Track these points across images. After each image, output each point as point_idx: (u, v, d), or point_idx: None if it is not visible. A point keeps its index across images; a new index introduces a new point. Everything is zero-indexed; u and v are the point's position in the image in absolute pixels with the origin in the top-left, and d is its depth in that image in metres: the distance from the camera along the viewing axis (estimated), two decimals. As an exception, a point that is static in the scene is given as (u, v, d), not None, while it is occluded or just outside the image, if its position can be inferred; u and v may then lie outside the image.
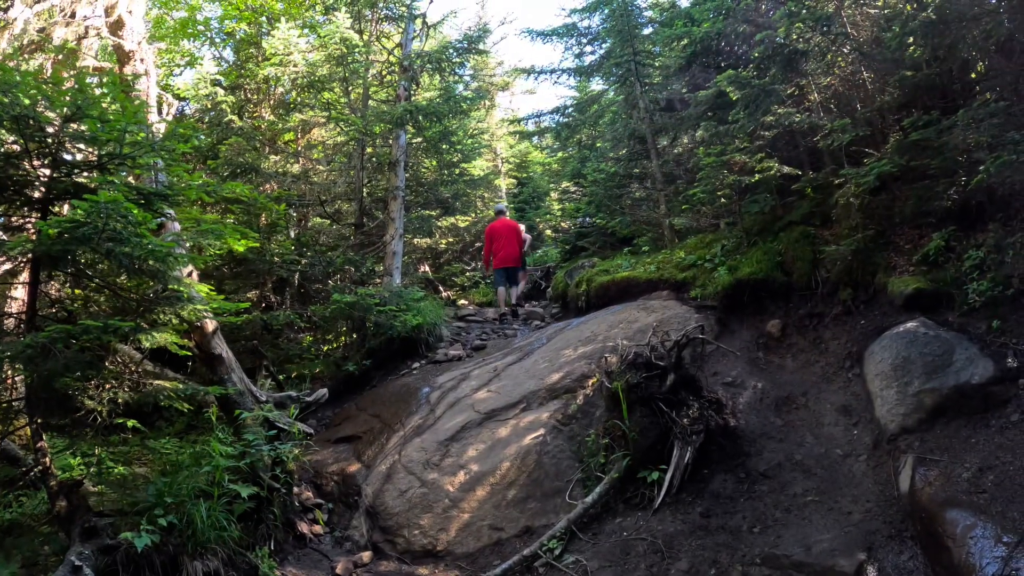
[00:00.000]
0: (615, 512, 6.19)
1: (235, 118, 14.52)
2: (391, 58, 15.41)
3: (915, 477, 5.15)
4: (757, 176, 8.76)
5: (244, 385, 7.59)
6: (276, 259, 12.00)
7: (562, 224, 22.17)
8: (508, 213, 15.88)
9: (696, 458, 6.21)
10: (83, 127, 5.33)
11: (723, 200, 10.07)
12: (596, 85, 21.58)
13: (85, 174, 5.79)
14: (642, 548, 5.59)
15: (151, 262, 5.57)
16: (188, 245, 7.16)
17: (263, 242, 11.51)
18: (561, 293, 13.92)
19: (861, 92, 9.06)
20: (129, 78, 7.72)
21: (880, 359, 6.44)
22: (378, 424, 8.91)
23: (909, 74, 7.70)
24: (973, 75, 8.04)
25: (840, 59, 9.20)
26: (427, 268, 19.43)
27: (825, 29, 8.59)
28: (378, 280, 13.59)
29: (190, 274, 7.39)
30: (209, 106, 14.68)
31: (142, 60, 7.97)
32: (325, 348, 13.00)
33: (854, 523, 5.23)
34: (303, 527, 7.06)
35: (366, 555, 6.65)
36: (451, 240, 20.89)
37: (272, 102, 16.32)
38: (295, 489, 7.35)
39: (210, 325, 7.37)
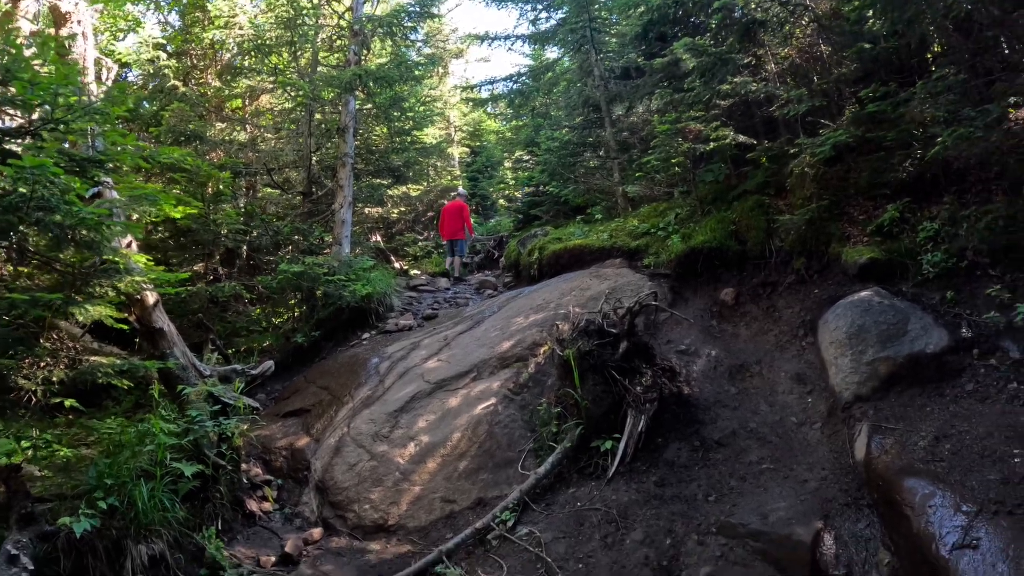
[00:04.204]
0: (568, 482, 6.08)
1: (178, 84, 13.96)
2: (341, 22, 14.95)
3: (871, 445, 5.14)
4: (712, 144, 8.66)
5: (187, 359, 7.25)
6: (223, 230, 11.60)
7: (515, 193, 21.99)
8: (464, 195, 16.99)
9: (650, 426, 6.11)
10: (12, 90, 4.96)
11: (677, 169, 10.00)
12: (551, 53, 21.35)
13: (16, 141, 5.41)
14: (596, 518, 5.49)
15: (84, 231, 5.23)
16: (130, 215, 6.82)
17: (207, 211, 11.11)
18: (514, 262, 13.79)
19: (818, 64, 8.99)
20: (65, 41, 7.28)
21: (835, 327, 6.43)
22: (327, 396, 8.69)
23: (868, 46, 7.67)
24: (929, 55, 8.07)
25: (798, 31, 9.15)
26: (379, 238, 19.10)
27: (784, 0, 8.51)
28: (328, 250, 13.27)
29: (129, 245, 6.99)
30: (152, 71, 14.08)
31: (79, 22, 7.50)
32: (276, 321, 12.68)
33: (810, 491, 5.19)
34: (252, 504, 6.82)
35: (316, 532, 6.46)
36: (403, 209, 20.57)
37: (218, 67, 15.76)
38: (243, 466, 7.09)
39: (150, 298, 7.00)
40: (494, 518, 5.78)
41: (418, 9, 15.30)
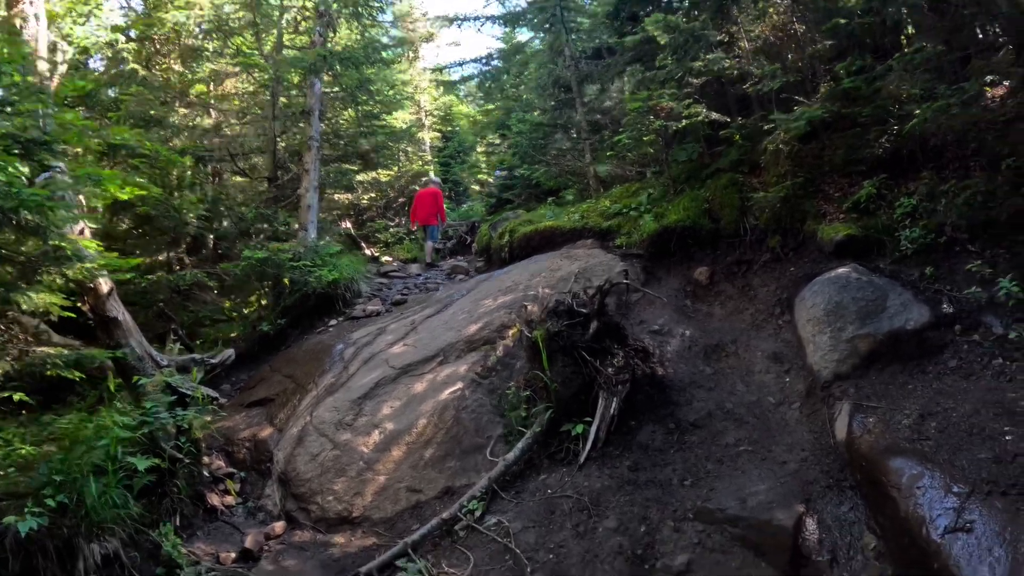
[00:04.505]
0: (539, 468, 5.84)
1: (138, 67, 13.50)
2: (307, 3, 14.56)
3: (852, 424, 4.96)
4: (685, 122, 8.43)
5: (143, 349, 7.00)
6: (190, 216, 11.23)
7: (488, 178, 21.79)
8: (438, 183, 16.91)
9: (622, 409, 5.88)
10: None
11: (650, 148, 9.81)
12: (522, 36, 21.10)
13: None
14: (568, 506, 5.26)
15: (26, 215, 4.93)
16: (91, 205, 6.51)
17: (168, 197, 10.74)
18: (485, 246, 13.55)
19: (793, 42, 8.82)
20: (16, 21, 6.95)
21: (812, 305, 6.25)
22: (291, 385, 8.40)
23: (843, 21, 7.48)
24: (904, 37, 7.96)
25: (772, 8, 8.96)
26: (349, 224, 18.78)
27: (758, -25, 8.33)
28: (296, 237, 12.97)
29: (81, 232, 6.68)
30: (111, 55, 13.60)
31: (31, 3, 7.20)
32: (246, 310, 12.38)
33: (790, 473, 5.01)
34: (214, 499, 6.55)
35: (279, 526, 6.17)
36: (373, 195, 20.25)
37: (180, 50, 15.30)
38: (205, 459, 6.83)
39: (104, 286, 6.70)
40: (461, 508, 5.54)
41: (385, -12, 14.99)
